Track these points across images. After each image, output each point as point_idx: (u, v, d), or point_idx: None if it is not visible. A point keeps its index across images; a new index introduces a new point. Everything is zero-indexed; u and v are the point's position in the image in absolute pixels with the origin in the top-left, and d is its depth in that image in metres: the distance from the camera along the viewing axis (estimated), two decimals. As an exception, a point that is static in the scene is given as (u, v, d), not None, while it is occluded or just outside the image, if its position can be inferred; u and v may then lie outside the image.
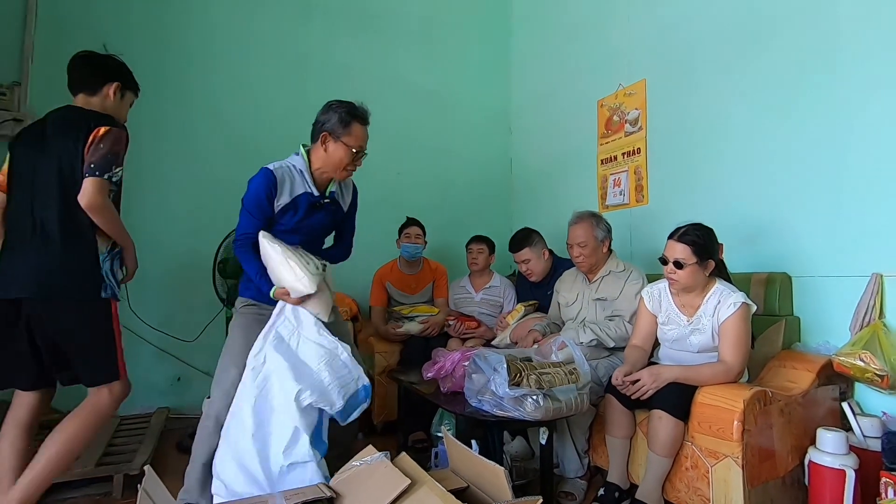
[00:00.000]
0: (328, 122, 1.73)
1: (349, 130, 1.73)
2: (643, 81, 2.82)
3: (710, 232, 1.81)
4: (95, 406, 1.61)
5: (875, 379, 1.69)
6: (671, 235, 1.81)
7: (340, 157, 1.74)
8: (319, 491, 1.39)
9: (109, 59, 1.72)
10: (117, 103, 1.71)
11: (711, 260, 1.78)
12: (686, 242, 1.75)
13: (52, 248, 1.52)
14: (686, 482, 1.69)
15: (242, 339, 1.72)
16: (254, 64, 3.17)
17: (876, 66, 1.85)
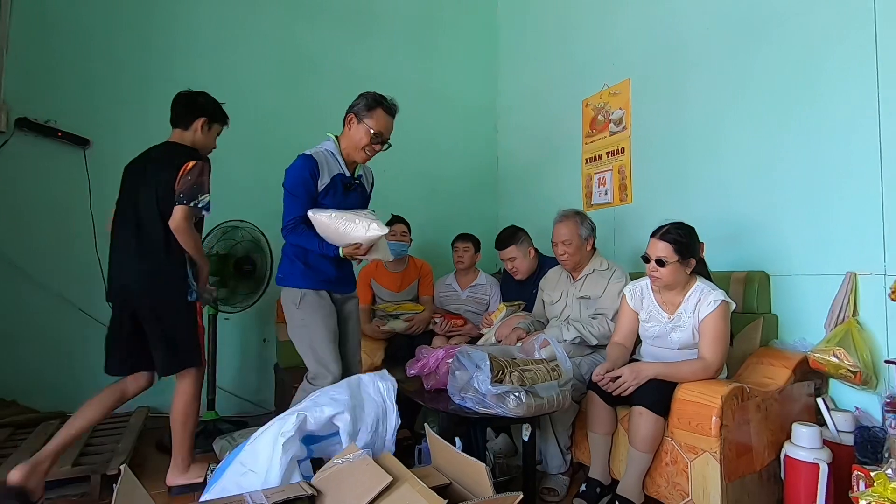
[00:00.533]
0: (356, 105, 1.91)
1: (372, 114, 1.89)
2: (627, 81, 2.85)
3: (692, 231, 1.83)
4: (186, 386, 1.96)
5: (849, 375, 1.74)
6: (653, 234, 1.83)
7: (360, 136, 1.89)
8: (300, 489, 1.38)
9: (199, 96, 2.03)
10: (204, 135, 2.01)
11: (693, 258, 1.81)
12: (668, 241, 1.77)
13: (156, 256, 1.84)
14: (666, 477, 1.72)
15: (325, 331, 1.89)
16: (240, 60, 3.13)
17: (851, 72, 1.89)
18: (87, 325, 2.71)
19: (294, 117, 3.24)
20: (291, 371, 2.74)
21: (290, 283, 1.95)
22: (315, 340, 1.88)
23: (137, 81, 2.87)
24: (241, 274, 2.55)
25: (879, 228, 1.81)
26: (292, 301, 1.93)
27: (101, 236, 2.72)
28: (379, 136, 1.91)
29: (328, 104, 3.32)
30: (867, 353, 1.76)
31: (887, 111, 1.80)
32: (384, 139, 1.94)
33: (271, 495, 1.35)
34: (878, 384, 1.77)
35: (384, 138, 1.93)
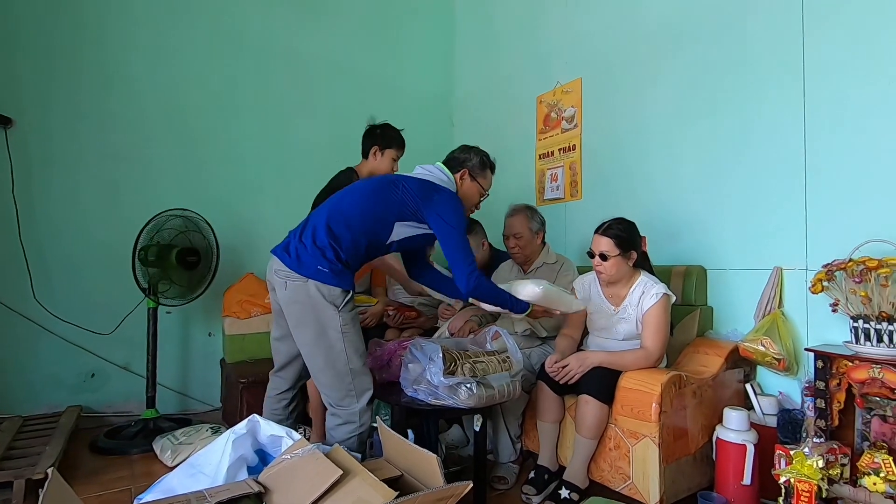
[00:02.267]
0: (471, 160, 1.86)
1: (486, 175, 1.89)
2: (579, 80, 2.92)
3: (632, 225, 1.92)
4: None
5: (773, 362, 1.87)
6: (597, 230, 1.92)
7: (474, 193, 1.87)
8: (246, 486, 1.34)
9: (377, 127, 2.32)
10: (378, 161, 2.30)
11: (634, 251, 1.90)
12: (609, 236, 1.86)
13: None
14: (609, 462, 1.80)
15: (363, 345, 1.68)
16: (182, 42, 2.95)
17: (780, 79, 2.03)
18: (12, 320, 2.51)
19: (238, 103, 3.11)
20: (238, 366, 2.65)
21: (332, 280, 1.57)
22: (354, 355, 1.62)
23: (66, 57, 2.66)
24: (185, 265, 2.43)
25: (802, 227, 1.96)
26: (332, 302, 1.57)
27: (27, 223, 2.54)
28: (486, 196, 1.93)
29: (275, 90, 3.23)
30: (790, 341, 1.91)
31: (811, 118, 1.94)
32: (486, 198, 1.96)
33: (215, 494, 1.30)
34: (799, 370, 1.92)
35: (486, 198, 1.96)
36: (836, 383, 1.63)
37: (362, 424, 1.63)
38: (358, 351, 1.63)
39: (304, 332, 1.60)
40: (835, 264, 1.69)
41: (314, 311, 1.57)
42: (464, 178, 1.84)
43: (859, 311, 1.62)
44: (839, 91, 1.87)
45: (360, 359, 1.64)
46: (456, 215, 1.68)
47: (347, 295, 1.60)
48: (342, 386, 1.61)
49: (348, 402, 1.62)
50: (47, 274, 2.60)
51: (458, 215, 1.69)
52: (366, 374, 1.66)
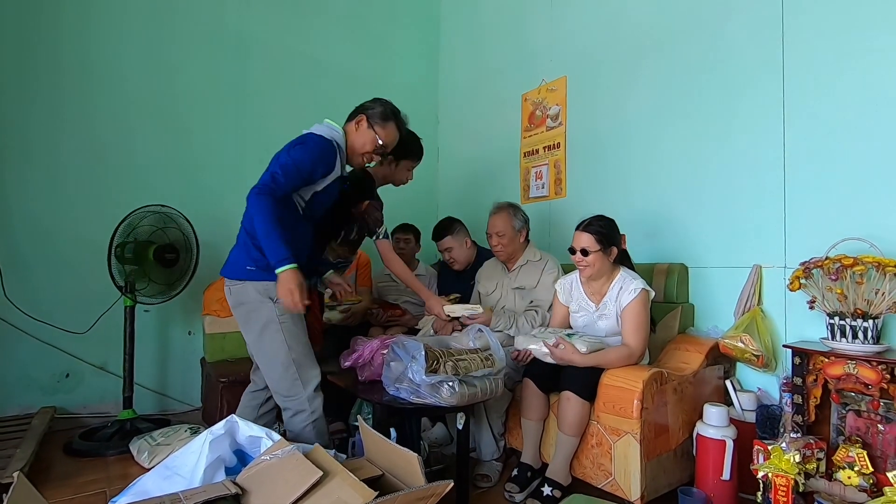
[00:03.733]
0: (370, 108, 1.79)
1: (386, 125, 1.78)
2: (564, 78, 2.93)
3: (612, 222, 1.95)
4: None
5: (752, 359, 1.90)
6: (578, 227, 1.95)
7: (365, 141, 1.77)
8: (223, 488, 1.31)
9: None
10: (392, 171, 2.26)
11: (614, 247, 1.92)
12: (590, 232, 1.89)
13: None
14: (591, 459, 1.80)
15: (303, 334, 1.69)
16: (164, 39, 2.89)
17: (759, 79, 2.05)
18: (-18, 319, 2.44)
19: (221, 99, 3.05)
20: (218, 365, 2.61)
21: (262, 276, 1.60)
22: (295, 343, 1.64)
23: (46, 51, 2.58)
24: (163, 262, 2.38)
25: (781, 226, 1.98)
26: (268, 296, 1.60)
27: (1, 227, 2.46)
28: (382, 148, 1.80)
29: (258, 86, 3.18)
30: (769, 338, 1.93)
31: (791, 117, 1.97)
32: (388, 154, 1.87)
33: (191, 496, 1.28)
34: (777, 366, 1.95)
35: (385, 151, 1.84)
36: (813, 379, 1.66)
37: (314, 412, 1.65)
38: (299, 340, 1.66)
39: (249, 331, 1.68)
40: (812, 262, 1.71)
41: (254, 310, 1.63)
42: (359, 124, 1.78)
43: (835, 308, 1.65)
44: (818, 90, 1.89)
45: (302, 347, 1.66)
46: (305, 151, 1.63)
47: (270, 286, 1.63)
48: (287, 376, 1.64)
49: (296, 391, 1.64)
50: (20, 271, 2.52)
51: (308, 154, 1.62)
52: (310, 362, 1.68)
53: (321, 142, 1.67)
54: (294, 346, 1.64)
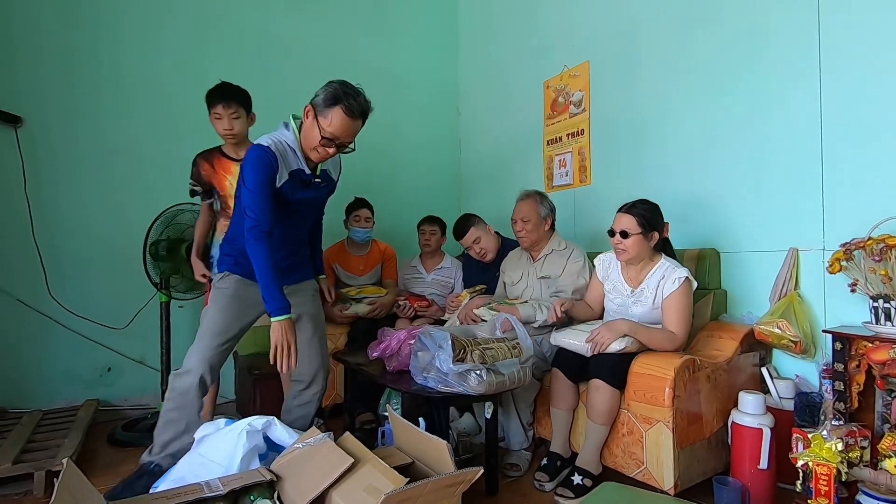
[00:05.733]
0: (317, 96, 1.64)
1: (328, 112, 1.60)
2: (587, 63, 2.87)
3: (656, 207, 1.92)
4: None
5: (790, 345, 1.84)
6: (620, 209, 1.91)
7: (313, 135, 1.63)
8: (258, 475, 1.35)
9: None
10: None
11: (656, 232, 1.88)
12: (633, 214, 1.86)
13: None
14: (622, 447, 1.78)
15: (221, 317, 1.74)
16: (190, 36, 2.94)
17: (795, 55, 1.96)
18: (28, 316, 2.55)
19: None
20: (250, 358, 2.67)
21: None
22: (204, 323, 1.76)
23: (72, 56, 2.67)
24: (195, 259, 2.44)
25: (819, 206, 1.90)
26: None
27: (40, 221, 2.57)
28: (330, 140, 1.63)
29: (276, 83, 3.21)
30: (807, 323, 1.86)
31: (828, 92, 1.88)
32: (339, 143, 1.66)
33: (228, 482, 1.32)
34: (816, 353, 1.88)
35: (339, 142, 1.65)
36: (856, 365, 1.59)
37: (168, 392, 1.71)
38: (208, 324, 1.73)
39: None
40: (853, 243, 1.64)
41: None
42: (307, 117, 1.66)
43: (879, 291, 1.57)
44: (857, 64, 1.80)
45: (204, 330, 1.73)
46: (248, 170, 1.63)
47: (222, 275, 1.81)
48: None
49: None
50: (61, 270, 2.63)
51: (252, 173, 1.61)
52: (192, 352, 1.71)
53: (253, 155, 1.63)
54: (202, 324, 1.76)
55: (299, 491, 1.29)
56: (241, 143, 2.15)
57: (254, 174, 1.61)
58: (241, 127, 2.11)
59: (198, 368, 1.67)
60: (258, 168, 1.61)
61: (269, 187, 1.63)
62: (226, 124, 2.07)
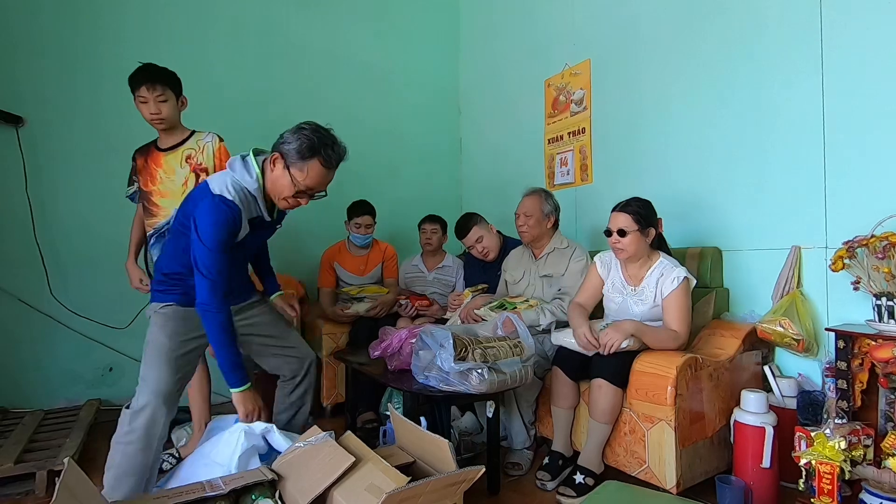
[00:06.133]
0: (288, 143, 1.49)
1: (304, 165, 1.48)
2: (588, 61, 2.86)
3: (649, 203, 1.92)
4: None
5: (792, 343, 1.83)
6: (614, 208, 1.91)
7: (283, 186, 1.52)
8: (260, 474, 1.35)
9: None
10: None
11: (652, 228, 1.88)
12: (628, 212, 1.85)
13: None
14: (624, 446, 1.77)
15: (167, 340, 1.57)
16: (191, 36, 2.95)
17: (796, 52, 1.96)
18: (29, 316, 2.56)
19: (241, 95, 3.09)
20: (251, 357, 2.66)
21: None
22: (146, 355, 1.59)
23: (62, 54, 2.67)
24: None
25: (822, 204, 1.90)
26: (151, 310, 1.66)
27: (41, 221, 2.57)
28: (306, 192, 1.53)
29: (277, 82, 3.21)
30: (809, 322, 1.86)
31: (830, 89, 1.87)
32: (314, 193, 1.56)
33: (230, 481, 1.32)
34: (819, 351, 1.87)
35: (314, 192, 1.55)
36: (859, 363, 1.59)
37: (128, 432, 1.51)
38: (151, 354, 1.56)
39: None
40: (856, 241, 1.63)
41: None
42: (275, 165, 1.51)
43: (882, 289, 1.57)
44: (859, 60, 1.79)
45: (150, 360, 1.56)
46: (208, 226, 1.45)
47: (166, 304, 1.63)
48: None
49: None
50: (62, 270, 2.64)
51: (212, 227, 1.45)
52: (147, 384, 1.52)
53: (216, 211, 1.46)
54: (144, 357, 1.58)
55: (301, 490, 1.29)
56: (171, 130, 2.00)
57: (215, 232, 1.45)
58: (170, 111, 1.94)
59: (156, 401, 1.51)
60: (221, 226, 1.46)
61: (228, 244, 1.50)
62: (152, 108, 1.90)
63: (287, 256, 3.11)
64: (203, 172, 1.99)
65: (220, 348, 1.51)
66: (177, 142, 2.01)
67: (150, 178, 2.03)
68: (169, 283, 1.64)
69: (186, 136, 2.03)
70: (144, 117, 1.94)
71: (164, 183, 2.00)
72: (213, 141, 2.04)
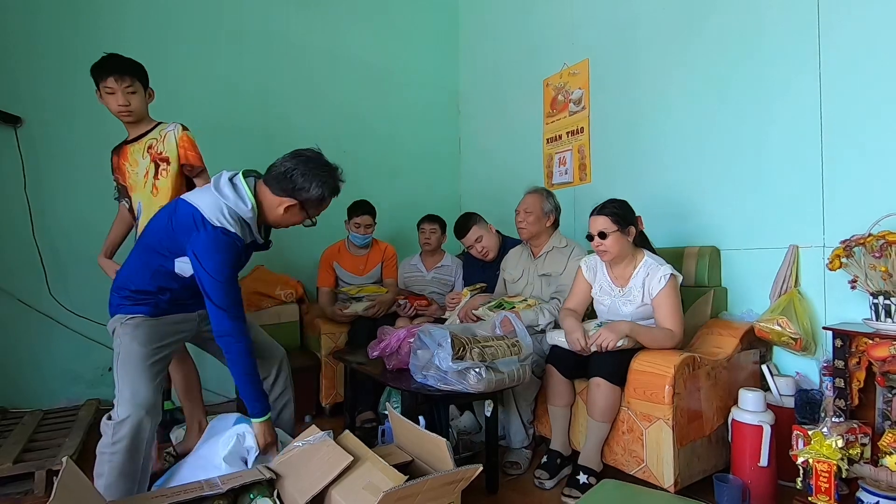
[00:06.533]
0: (306, 191, 1.53)
1: (321, 206, 1.62)
2: (586, 61, 2.86)
3: (625, 203, 1.94)
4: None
5: (790, 342, 1.83)
6: (592, 212, 1.93)
7: (294, 222, 1.63)
8: (258, 473, 1.35)
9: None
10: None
11: (631, 226, 1.90)
12: (605, 214, 1.88)
13: None
14: (623, 445, 1.78)
15: (141, 348, 1.54)
16: (191, 36, 2.94)
17: (794, 51, 1.96)
18: (28, 315, 2.56)
19: (240, 94, 3.08)
20: (251, 357, 2.67)
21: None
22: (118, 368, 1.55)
23: (61, 54, 2.66)
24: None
25: (819, 203, 1.90)
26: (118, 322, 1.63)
27: (40, 220, 2.57)
28: (313, 223, 1.67)
29: (277, 82, 3.21)
30: (807, 320, 1.86)
31: (828, 87, 1.87)
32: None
33: (228, 480, 1.32)
34: (817, 350, 1.87)
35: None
36: (856, 362, 1.59)
37: (114, 443, 1.45)
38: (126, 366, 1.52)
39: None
40: (853, 240, 1.64)
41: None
42: (290, 210, 1.57)
43: (879, 288, 1.57)
44: (857, 59, 1.80)
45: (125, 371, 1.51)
46: (216, 259, 1.46)
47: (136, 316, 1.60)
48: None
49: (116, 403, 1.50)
50: (61, 270, 2.64)
51: (220, 259, 1.46)
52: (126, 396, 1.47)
53: (221, 243, 1.46)
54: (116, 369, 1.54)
55: (299, 489, 1.29)
56: (138, 123, 1.94)
57: (224, 266, 1.47)
58: (139, 103, 1.88)
59: (138, 411, 1.46)
60: (228, 258, 1.48)
61: (238, 273, 1.55)
62: (120, 100, 1.84)
63: (286, 256, 3.11)
64: (164, 162, 1.92)
65: (242, 377, 1.52)
66: (141, 133, 1.96)
67: (122, 174, 2.01)
68: (137, 298, 1.60)
69: (151, 128, 1.97)
70: (111, 109, 1.87)
71: (131, 176, 1.97)
72: (175, 130, 1.94)
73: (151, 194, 1.94)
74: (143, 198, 1.96)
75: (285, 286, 2.98)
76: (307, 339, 2.97)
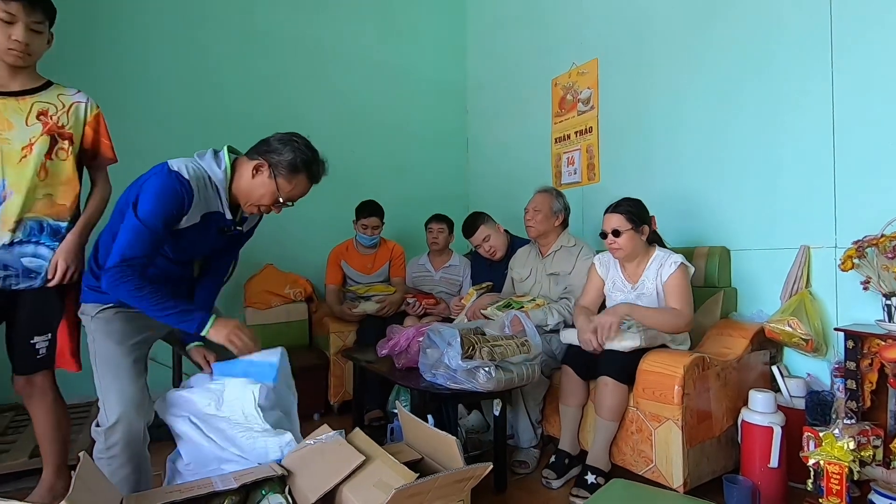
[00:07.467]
0: (278, 153, 1.44)
1: (292, 178, 1.45)
2: (595, 60, 2.86)
3: (640, 202, 1.96)
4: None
5: (801, 343, 1.82)
6: (606, 210, 1.95)
7: (262, 194, 1.46)
8: (270, 470, 1.37)
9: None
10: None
11: (645, 225, 1.91)
12: (620, 212, 1.90)
13: None
14: (631, 445, 1.78)
15: (117, 346, 1.44)
16: (192, 35, 2.96)
17: (807, 51, 1.95)
18: None
19: (252, 93, 3.10)
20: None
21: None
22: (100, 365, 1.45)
23: (60, 54, 2.69)
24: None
25: (831, 203, 1.89)
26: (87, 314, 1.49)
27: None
28: (284, 203, 1.49)
29: (288, 80, 3.23)
30: (818, 321, 1.85)
31: (840, 88, 1.86)
32: (289, 204, 1.51)
33: (240, 476, 1.33)
34: (828, 351, 1.86)
35: (291, 203, 1.51)
36: (868, 363, 1.58)
37: (108, 448, 1.39)
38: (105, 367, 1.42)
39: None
40: (866, 240, 1.63)
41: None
42: (258, 171, 1.45)
43: (892, 289, 1.56)
44: (869, 60, 1.78)
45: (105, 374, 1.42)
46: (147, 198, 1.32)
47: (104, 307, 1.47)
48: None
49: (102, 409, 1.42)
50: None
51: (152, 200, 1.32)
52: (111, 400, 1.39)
53: (161, 183, 1.34)
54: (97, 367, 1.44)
55: (311, 486, 1.30)
56: (22, 72, 1.53)
57: (154, 206, 1.32)
58: (39, 47, 1.52)
59: (127, 413, 1.39)
60: (165, 201, 1.33)
61: (168, 228, 1.36)
62: (20, 34, 1.44)
63: (295, 254, 3.13)
64: (64, 140, 1.54)
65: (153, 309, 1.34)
66: (25, 88, 1.51)
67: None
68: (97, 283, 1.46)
69: (41, 85, 1.55)
70: None
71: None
72: (88, 103, 1.60)
73: (36, 176, 1.49)
74: (16, 177, 1.47)
75: (294, 285, 3.00)
76: (316, 338, 2.99)
